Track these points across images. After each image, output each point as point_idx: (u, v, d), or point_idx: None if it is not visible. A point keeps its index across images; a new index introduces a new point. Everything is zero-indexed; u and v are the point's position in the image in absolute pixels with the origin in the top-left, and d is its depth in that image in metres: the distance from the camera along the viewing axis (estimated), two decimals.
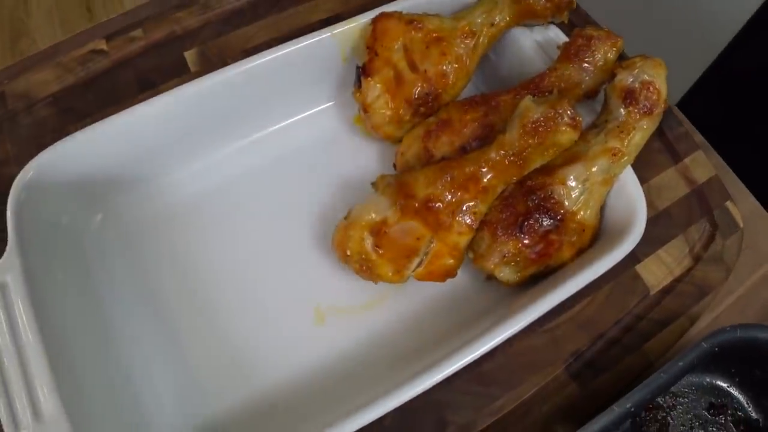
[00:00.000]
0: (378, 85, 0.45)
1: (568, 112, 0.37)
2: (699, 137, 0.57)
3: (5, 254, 0.37)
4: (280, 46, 0.46)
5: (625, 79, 0.40)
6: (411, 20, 0.46)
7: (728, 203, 0.51)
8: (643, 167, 0.50)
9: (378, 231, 0.39)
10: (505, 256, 0.41)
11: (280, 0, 0.59)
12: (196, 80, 0.44)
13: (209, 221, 0.46)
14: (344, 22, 0.47)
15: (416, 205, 0.39)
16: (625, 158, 0.41)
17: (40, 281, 0.38)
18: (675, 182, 0.51)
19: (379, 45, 0.46)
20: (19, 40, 0.90)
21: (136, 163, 0.45)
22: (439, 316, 0.43)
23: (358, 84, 0.46)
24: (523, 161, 0.39)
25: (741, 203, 0.52)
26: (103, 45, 0.55)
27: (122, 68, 0.54)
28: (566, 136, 0.38)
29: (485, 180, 0.39)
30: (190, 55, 0.55)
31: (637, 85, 0.40)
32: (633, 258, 0.47)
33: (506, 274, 0.41)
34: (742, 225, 0.50)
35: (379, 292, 0.44)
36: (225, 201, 0.47)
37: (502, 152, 0.39)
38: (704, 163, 0.53)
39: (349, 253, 0.41)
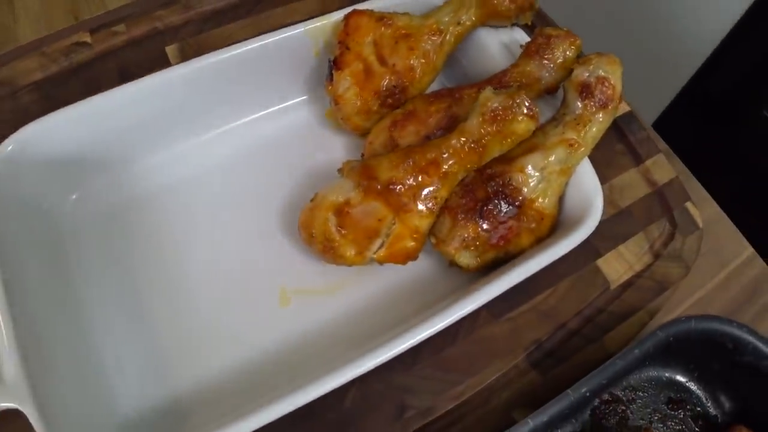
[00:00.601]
0: (348, 77, 0.47)
1: (526, 102, 0.39)
2: (663, 144, 0.59)
3: None
4: (254, 38, 0.47)
5: (582, 74, 0.42)
6: (381, 17, 0.47)
7: (688, 204, 0.53)
8: (606, 167, 0.52)
9: (341, 211, 0.41)
10: (465, 241, 0.42)
11: (260, 2, 0.61)
12: (173, 67, 0.45)
13: (181, 207, 0.47)
14: (317, 18, 0.49)
15: (378, 186, 0.40)
16: (582, 149, 0.43)
17: (10, 254, 0.38)
18: (636, 182, 0.52)
19: (350, 40, 0.47)
20: (6, 45, 0.92)
21: (112, 146, 0.46)
22: (402, 300, 0.44)
23: (330, 77, 0.48)
24: (483, 149, 0.41)
25: (704, 209, 0.54)
26: (87, 38, 0.56)
27: (104, 60, 0.55)
28: (523, 125, 0.39)
29: (446, 165, 0.41)
30: (170, 50, 0.56)
31: (592, 80, 0.42)
32: (594, 252, 0.49)
33: (466, 258, 0.42)
34: (701, 225, 0.52)
35: (342, 276, 0.45)
36: (197, 188, 0.48)
37: (463, 139, 0.41)
38: (665, 166, 0.54)
39: (313, 233, 0.42)
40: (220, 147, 0.50)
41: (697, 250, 0.51)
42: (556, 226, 0.43)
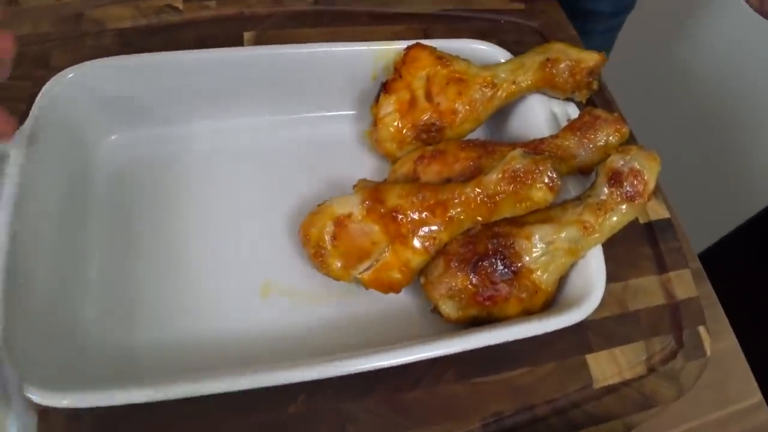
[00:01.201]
0: (393, 103, 0.47)
1: (549, 173, 0.39)
2: (695, 264, 0.56)
3: (18, 131, 0.40)
4: (324, 43, 0.50)
5: (616, 161, 0.41)
6: (441, 56, 0.49)
7: (701, 328, 0.50)
8: (627, 266, 0.50)
9: (340, 223, 0.41)
10: (451, 289, 0.41)
11: (344, 17, 0.63)
12: (243, 48, 0.50)
13: (201, 179, 0.49)
14: (384, 42, 0.51)
15: (382, 210, 0.40)
16: (596, 235, 0.41)
17: (35, 168, 0.41)
18: (653, 290, 0.50)
19: (405, 69, 0.48)
20: None
21: (162, 103, 0.49)
22: (375, 328, 0.43)
23: (377, 99, 0.49)
24: (494, 205, 0.40)
25: (720, 340, 0.51)
26: (179, 4, 0.60)
27: (188, 27, 0.59)
28: (540, 193, 0.39)
29: (453, 211, 0.40)
30: (248, 36, 0.59)
31: (625, 170, 0.41)
32: (586, 345, 0.46)
33: (448, 307, 0.42)
34: (709, 354, 0.49)
35: (328, 287, 0.45)
36: (222, 166, 0.50)
37: (478, 190, 0.40)
38: (688, 283, 0.52)
39: (309, 236, 0.42)
40: (257, 134, 0.52)
41: (697, 377, 0.48)
42: (550, 304, 0.42)
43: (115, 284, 0.43)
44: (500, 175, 0.39)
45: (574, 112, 0.48)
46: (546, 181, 0.39)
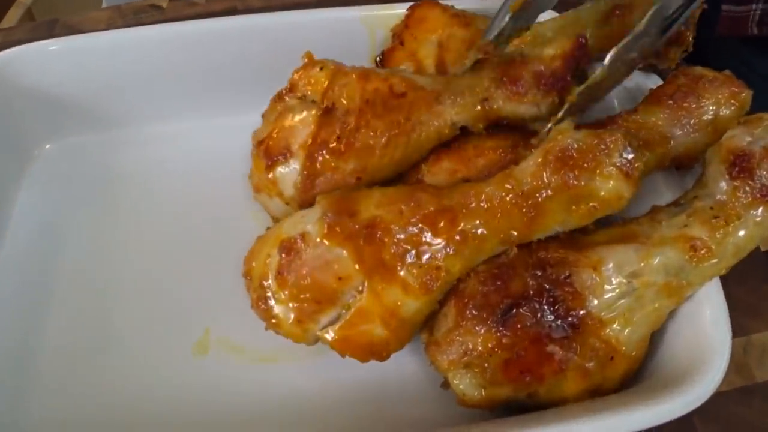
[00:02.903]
0: None
1: (622, 148, 0.23)
2: None
3: None
4: (304, 11, 0.40)
5: (740, 138, 0.26)
6: (457, 14, 0.35)
7: None
8: (746, 312, 0.36)
9: (289, 250, 0.26)
10: (467, 354, 0.25)
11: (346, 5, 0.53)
12: (200, 21, 0.40)
13: (138, 196, 0.40)
14: (379, 6, 0.38)
15: (353, 226, 0.26)
16: (713, 261, 0.25)
17: None
18: None
19: (408, 34, 0.36)
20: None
21: (102, 101, 0.41)
22: (361, 407, 0.30)
23: None
24: (536, 210, 0.25)
25: None
26: (164, 2, 0.54)
27: None
28: (611, 184, 0.23)
29: (468, 223, 0.25)
30: None
31: (758, 151, 0.25)
32: None
33: (463, 383, 0.26)
34: None
35: (284, 345, 0.30)
36: (165, 179, 0.40)
37: (507, 187, 0.25)
38: None
39: (251, 275, 0.28)
40: (214, 137, 0.42)
41: None
42: (632, 376, 0.28)
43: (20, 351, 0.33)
44: (541, 159, 0.24)
45: (656, 84, 0.33)
46: (617, 162, 0.23)
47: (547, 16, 0.39)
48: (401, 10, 0.39)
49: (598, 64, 0.30)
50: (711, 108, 0.29)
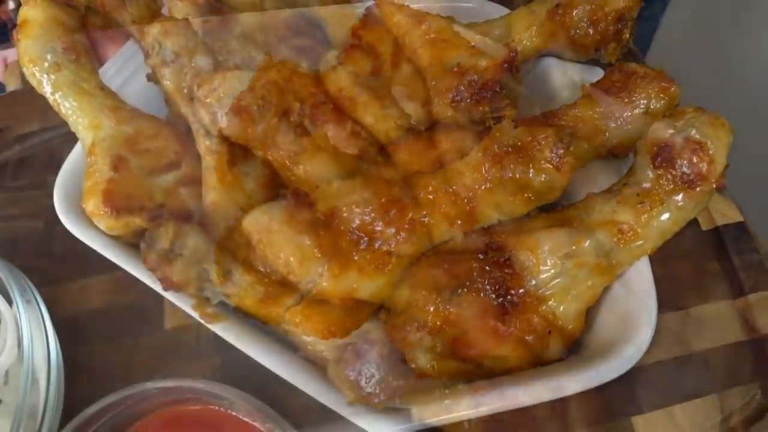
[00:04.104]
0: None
1: (552, 146, 0.25)
2: None
3: None
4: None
5: (663, 130, 0.28)
6: (413, 14, 0.37)
7: None
8: (687, 288, 0.39)
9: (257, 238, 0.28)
10: (419, 330, 0.28)
11: None
12: None
13: None
14: (338, 6, 0.40)
15: (313, 215, 0.28)
16: (639, 242, 0.28)
17: None
18: (727, 321, 0.38)
19: (366, 32, 0.38)
20: None
21: None
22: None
23: None
24: (477, 201, 0.27)
25: None
26: None
27: None
28: (543, 176, 0.26)
29: (416, 213, 0.28)
30: None
31: (679, 141, 0.27)
32: (632, 403, 0.35)
33: (418, 357, 0.28)
34: None
35: None
36: None
37: (451, 179, 0.28)
38: None
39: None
40: None
41: None
42: (571, 347, 0.31)
43: None
44: (481, 154, 0.26)
45: (599, 77, 0.35)
46: (548, 155, 0.26)
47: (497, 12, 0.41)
48: (360, 9, 0.40)
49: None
50: (642, 102, 0.32)
